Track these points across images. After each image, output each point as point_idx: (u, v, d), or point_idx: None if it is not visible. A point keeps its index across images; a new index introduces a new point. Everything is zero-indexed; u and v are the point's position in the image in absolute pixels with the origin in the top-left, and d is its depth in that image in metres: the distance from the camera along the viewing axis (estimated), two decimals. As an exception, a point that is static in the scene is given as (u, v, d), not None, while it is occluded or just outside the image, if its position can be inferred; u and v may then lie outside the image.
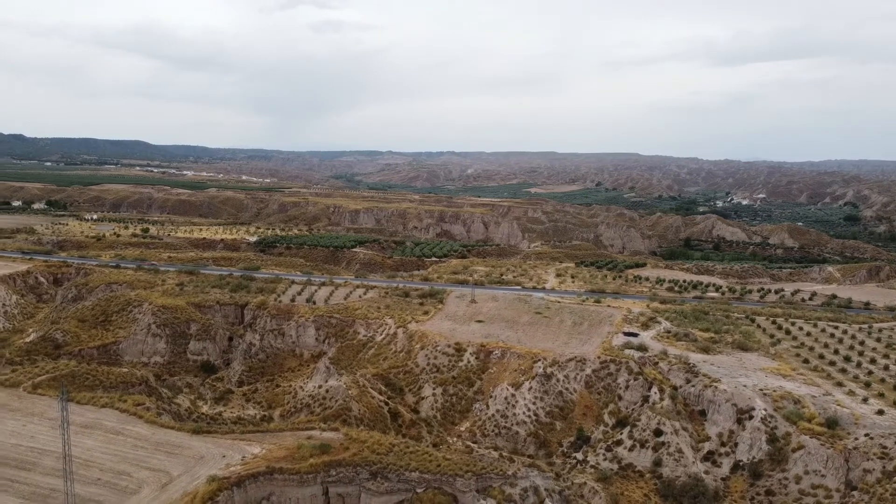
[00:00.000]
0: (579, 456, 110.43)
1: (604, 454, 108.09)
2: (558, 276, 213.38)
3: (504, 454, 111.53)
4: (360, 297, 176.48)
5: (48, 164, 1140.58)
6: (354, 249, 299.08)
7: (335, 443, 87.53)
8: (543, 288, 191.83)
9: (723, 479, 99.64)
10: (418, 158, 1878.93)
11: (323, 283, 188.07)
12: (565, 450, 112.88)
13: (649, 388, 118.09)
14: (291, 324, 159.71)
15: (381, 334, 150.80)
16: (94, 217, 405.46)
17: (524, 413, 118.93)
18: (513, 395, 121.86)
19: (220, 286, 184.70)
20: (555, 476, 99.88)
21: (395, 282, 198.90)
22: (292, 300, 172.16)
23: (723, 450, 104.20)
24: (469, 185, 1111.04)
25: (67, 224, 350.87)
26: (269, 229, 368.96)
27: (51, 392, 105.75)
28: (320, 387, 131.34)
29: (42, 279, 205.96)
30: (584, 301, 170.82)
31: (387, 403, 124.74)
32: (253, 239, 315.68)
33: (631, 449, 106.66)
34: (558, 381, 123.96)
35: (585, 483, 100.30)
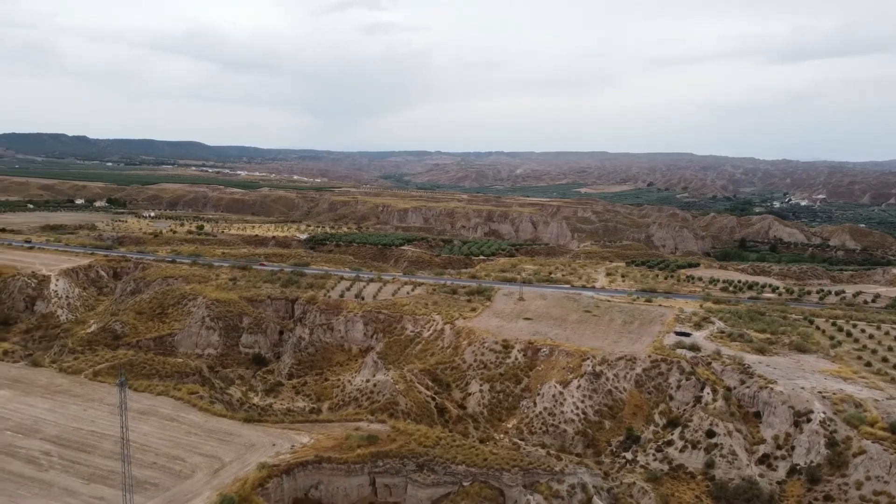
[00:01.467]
0: (628, 456, 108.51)
1: (654, 454, 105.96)
2: (608, 275, 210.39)
3: (551, 452, 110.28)
4: (407, 293, 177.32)
5: (109, 164, 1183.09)
6: (403, 247, 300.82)
7: (382, 434, 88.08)
8: (593, 287, 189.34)
9: (778, 482, 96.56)
10: (467, 158, 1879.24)
11: (371, 280, 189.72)
12: (614, 449, 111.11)
13: (702, 389, 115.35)
14: (340, 319, 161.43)
15: (428, 330, 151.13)
16: (152, 214, 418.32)
17: (572, 411, 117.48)
18: (561, 393, 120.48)
19: (271, 281, 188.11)
20: (603, 475, 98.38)
21: (442, 279, 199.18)
22: (341, 296, 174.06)
23: (779, 453, 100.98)
24: (518, 185, 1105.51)
25: (127, 221, 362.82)
26: (319, 227, 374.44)
27: (110, 379, 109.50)
28: (368, 381, 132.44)
29: (103, 273, 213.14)
30: (634, 300, 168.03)
31: (433, 399, 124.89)
32: (303, 236, 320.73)
33: (682, 450, 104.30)
34: (607, 379, 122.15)
35: (635, 483, 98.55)
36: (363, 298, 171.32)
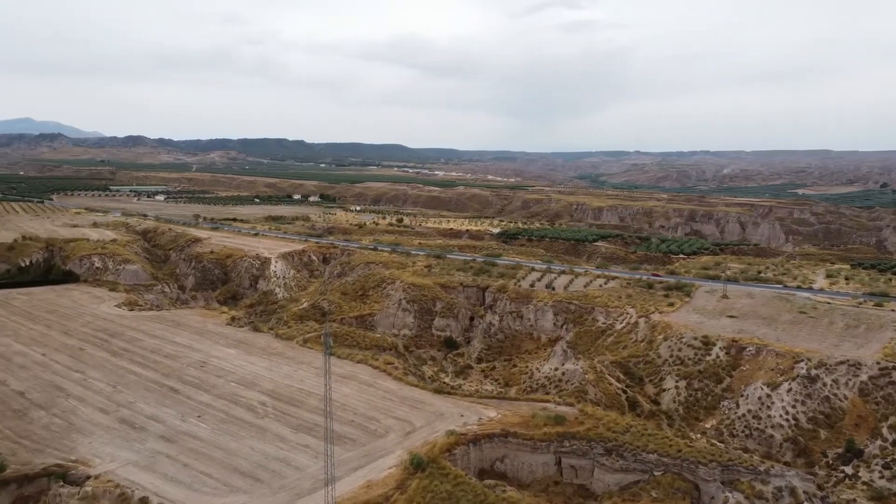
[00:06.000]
0: (848, 470, 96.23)
1: (880, 472, 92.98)
2: (828, 276, 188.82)
3: (755, 457, 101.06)
4: (600, 286, 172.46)
5: (322, 165, 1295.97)
6: (596, 243, 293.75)
7: (570, 416, 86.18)
8: (810, 288, 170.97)
9: None
10: (668, 158, 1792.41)
11: (562, 272, 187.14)
12: (830, 461, 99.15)
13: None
14: (530, 307, 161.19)
15: (621, 323, 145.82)
16: (358, 209, 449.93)
17: (781, 416, 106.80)
18: (768, 396, 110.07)
19: (463, 270, 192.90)
20: (816, 486, 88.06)
21: (637, 273, 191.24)
22: (531, 286, 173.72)
23: None
24: (724, 185, 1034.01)
25: (335, 214, 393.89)
26: (511, 223, 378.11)
27: (317, 347, 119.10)
28: (556, 369, 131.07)
29: (314, 258, 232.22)
30: (860, 303, 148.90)
31: (625, 391, 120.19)
32: (496, 231, 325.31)
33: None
34: (825, 384, 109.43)
35: (855, 500, 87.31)
36: (553, 289, 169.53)
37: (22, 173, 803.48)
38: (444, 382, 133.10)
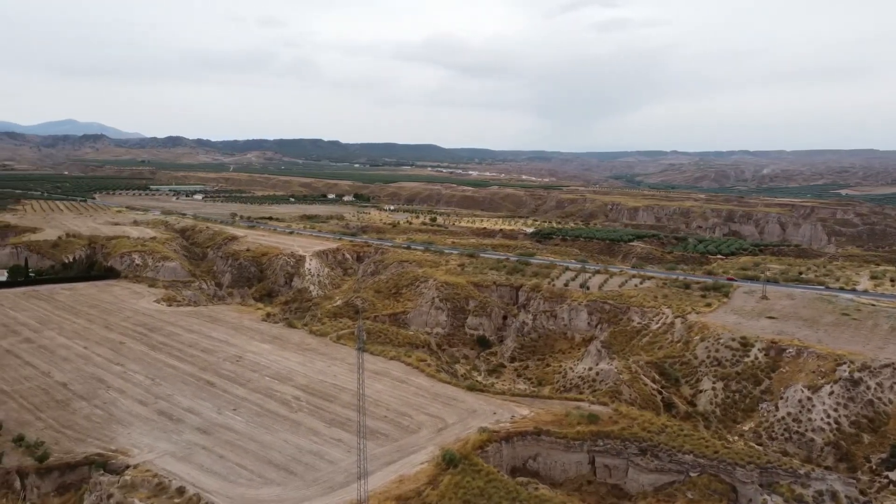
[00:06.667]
0: (892, 476, 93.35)
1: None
2: (873, 278, 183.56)
3: (795, 461, 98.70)
4: (635, 286, 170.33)
5: (357, 165, 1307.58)
6: (632, 243, 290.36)
7: (604, 415, 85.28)
8: (853, 289, 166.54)
9: None
10: (705, 158, 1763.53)
11: (597, 271, 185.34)
12: (874, 466, 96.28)
13: None
14: (564, 307, 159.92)
15: (656, 323, 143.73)
16: (392, 208, 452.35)
17: (822, 419, 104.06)
18: (809, 399, 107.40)
19: (496, 269, 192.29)
20: (859, 492, 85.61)
21: (674, 273, 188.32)
22: (565, 285, 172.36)
23: None
24: (764, 185, 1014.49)
25: (369, 213, 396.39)
26: (545, 222, 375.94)
27: (350, 343, 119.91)
28: (590, 369, 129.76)
29: (348, 256, 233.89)
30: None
31: (660, 392, 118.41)
32: (530, 230, 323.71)
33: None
34: (868, 388, 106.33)
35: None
36: (588, 288, 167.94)
37: (66, 173, 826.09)
38: (477, 380, 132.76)
